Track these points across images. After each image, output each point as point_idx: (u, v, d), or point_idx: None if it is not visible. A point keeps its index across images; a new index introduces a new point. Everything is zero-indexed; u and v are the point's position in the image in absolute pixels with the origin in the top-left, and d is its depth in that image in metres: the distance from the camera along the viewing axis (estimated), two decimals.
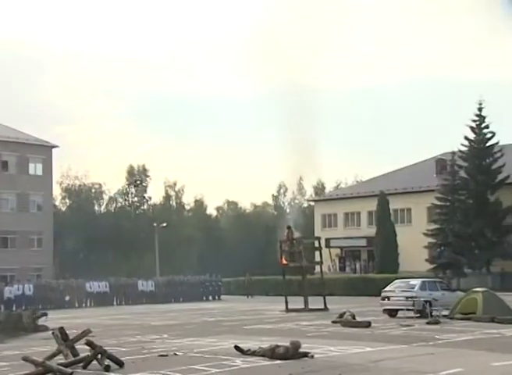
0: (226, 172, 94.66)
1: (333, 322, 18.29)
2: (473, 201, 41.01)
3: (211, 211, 72.67)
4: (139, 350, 12.58)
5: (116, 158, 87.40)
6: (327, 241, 46.61)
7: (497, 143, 41.70)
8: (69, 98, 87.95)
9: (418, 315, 19.09)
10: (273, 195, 72.09)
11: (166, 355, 11.96)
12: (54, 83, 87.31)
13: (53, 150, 50.24)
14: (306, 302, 25.17)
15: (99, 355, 10.56)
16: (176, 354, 12.18)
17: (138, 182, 62.97)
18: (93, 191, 62.14)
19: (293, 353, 11.12)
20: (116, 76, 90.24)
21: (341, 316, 18.60)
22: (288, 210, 72.64)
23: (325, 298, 25.62)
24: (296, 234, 27.71)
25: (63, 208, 61.64)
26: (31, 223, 46.88)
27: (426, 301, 19.83)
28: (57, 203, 60.10)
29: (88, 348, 10.80)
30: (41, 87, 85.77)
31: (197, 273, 43.99)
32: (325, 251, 35.78)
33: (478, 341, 13.80)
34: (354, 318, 18.18)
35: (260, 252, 60.88)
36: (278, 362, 10.85)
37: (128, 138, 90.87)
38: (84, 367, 10.45)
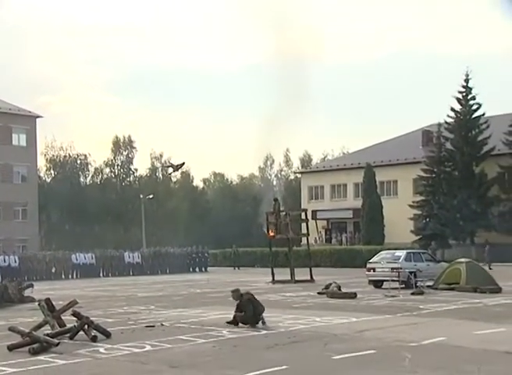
0: (213, 144, 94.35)
1: (319, 293, 18.50)
2: (458, 173, 41.31)
3: (198, 183, 72.62)
4: (125, 321, 12.65)
5: (101, 129, 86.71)
6: (313, 213, 46.81)
7: (483, 114, 41.83)
8: (52, 68, 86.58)
9: (403, 286, 19.33)
10: (260, 167, 72.11)
11: (153, 326, 12.04)
12: (37, 53, 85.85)
13: (37, 120, 49.59)
14: (292, 274, 25.36)
15: (86, 326, 10.61)
16: (162, 325, 12.27)
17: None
18: (78, 162, 61.61)
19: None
20: (100, 47, 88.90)
21: (327, 287, 18.80)
22: (275, 182, 72.77)
23: (311, 270, 25.84)
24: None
25: (48, 180, 61.16)
26: (15, 195, 46.53)
27: (411, 272, 20.07)
28: (41, 174, 59.61)
29: (75, 319, 10.83)
30: (24, 57, 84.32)
31: (184, 245, 44.07)
32: (311, 223, 35.93)
33: (461, 310, 14.04)
34: (340, 289, 18.39)
35: (247, 224, 61.09)
36: (264, 332, 10.98)
37: (113, 109, 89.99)
38: (71, 338, 10.50)
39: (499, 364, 7.87)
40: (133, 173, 63.83)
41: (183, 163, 31.41)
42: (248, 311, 11.66)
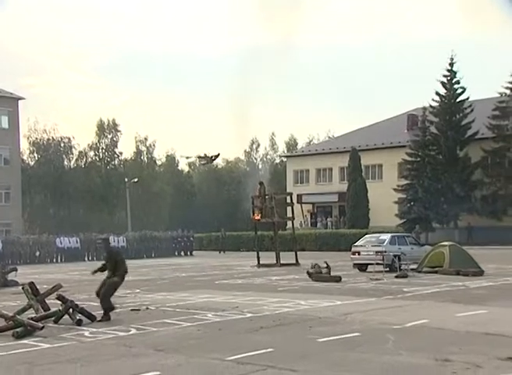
0: (198, 127, 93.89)
1: (308, 273, 18.32)
2: (442, 157, 41.62)
3: (183, 166, 72.42)
4: None
5: (85, 112, 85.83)
6: (299, 196, 46.98)
7: (467, 99, 42.07)
8: (35, 50, 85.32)
9: (387, 269, 19.50)
10: (245, 151, 71.97)
11: (138, 310, 12.05)
12: (18, 34, 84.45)
13: (19, 102, 48.95)
14: (278, 257, 25.46)
15: (71, 310, 10.58)
16: (148, 308, 12.28)
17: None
18: (62, 145, 61.03)
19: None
20: (85, 29, 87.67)
21: (313, 266, 18.65)
22: (260, 166, 72.68)
23: (296, 254, 25.94)
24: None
25: (31, 163, 60.57)
26: None
27: (395, 256, 20.24)
28: (24, 157, 58.99)
29: (59, 302, 10.79)
30: (5, 38, 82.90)
31: (169, 229, 44.03)
32: (296, 206, 36.12)
33: (444, 293, 14.21)
34: (329, 268, 18.12)
35: (232, 208, 61.11)
36: (249, 315, 11.03)
37: (96, 92, 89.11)
38: (56, 322, 10.47)
39: (480, 345, 8.00)
40: (118, 156, 63.48)
41: (218, 154, 30.40)
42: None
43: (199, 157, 30.44)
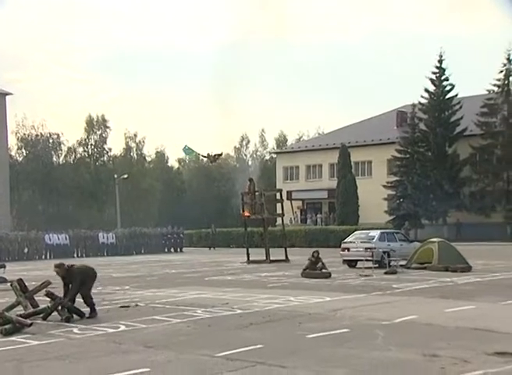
0: (188, 123, 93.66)
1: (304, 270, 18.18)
2: (431, 154, 41.82)
3: (173, 163, 72.23)
4: (100, 301, 12.58)
5: (74, 108, 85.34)
6: (288, 193, 47.04)
7: (456, 95, 42.26)
8: (21, 44, 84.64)
9: (377, 265, 19.57)
10: (235, 147, 71.91)
11: (128, 307, 12.02)
12: (4, 28, 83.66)
13: (6, 97, 48.54)
14: (267, 254, 25.48)
15: (59, 307, 10.54)
16: (137, 305, 12.25)
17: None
18: (50, 141, 60.65)
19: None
20: (72, 25, 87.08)
21: (313, 255, 18.56)
22: (250, 162, 72.66)
23: (286, 250, 25.97)
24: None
25: (19, 159, 60.15)
26: None
27: (384, 252, 20.31)
28: (13, 153, 58.56)
29: (48, 299, 10.75)
30: None
31: (159, 225, 43.92)
32: (286, 203, 36.11)
33: (433, 289, 14.29)
34: (322, 264, 18.10)
35: (222, 205, 61.07)
36: (239, 312, 11.04)
37: (85, 88, 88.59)
38: (44, 318, 10.42)
39: (468, 340, 8.06)
40: (107, 152, 63.22)
41: (221, 154, 30.39)
42: (75, 282, 10.67)
43: (202, 156, 30.51)
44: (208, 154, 28.88)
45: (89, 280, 11.11)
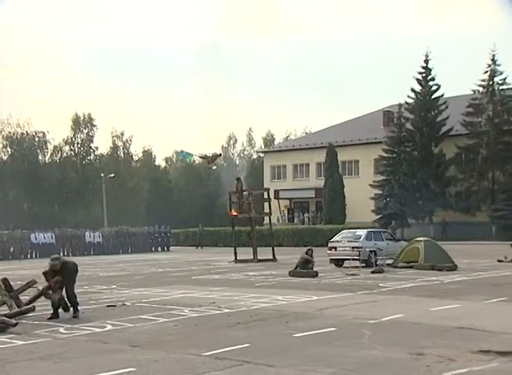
0: (175, 122, 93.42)
1: (292, 271, 18.19)
2: (418, 153, 42.05)
3: (160, 162, 71.99)
4: (86, 301, 12.52)
5: (60, 106, 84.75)
6: (276, 192, 47.07)
7: (442, 95, 42.53)
8: (5, 41, 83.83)
9: (364, 264, 19.65)
10: (222, 146, 71.79)
11: (114, 306, 11.97)
12: None
13: None
14: (255, 253, 25.50)
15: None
16: (124, 304, 12.20)
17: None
18: (36, 139, 60.18)
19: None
20: (57, 23, 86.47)
21: (307, 252, 18.61)
22: (237, 162, 72.60)
23: (273, 249, 25.99)
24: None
25: (5, 158, 59.63)
26: None
27: (371, 251, 20.40)
28: None
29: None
30: None
31: (146, 225, 43.77)
32: (274, 202, 36.16)
33: (419, 288, 14.37)
34: (312, 265, 18.14)
35: (209, 204, 60.99)
36: (226, 311, 11.02)
37: (72, 86, 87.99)
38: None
39: (453, 339, 8.11)
40: (94, 151, 62.87)
41: (220, 154, 29.98)
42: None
43: (200, 157, 30.23)
44: (206, 155, 28.74)
45: (75, 276, 11.07)
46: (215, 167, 26.73)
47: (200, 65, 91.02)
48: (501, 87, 40.89)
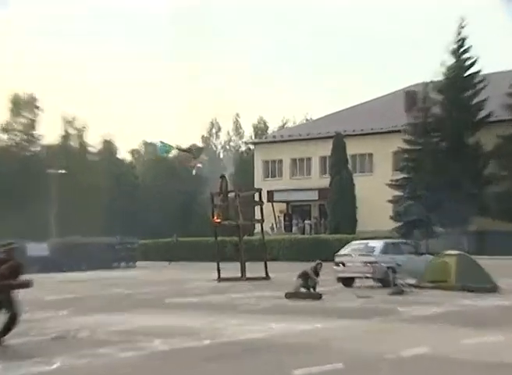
0: (143, 107, 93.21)
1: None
2: (448, 145, 42.14)
3: (124, 155, 71.96)
4: (27, 331, 12.44)
5: None
6: (269, 193, 47.17)
7: (479, 72, 42.54)
8: None
9: (379, 284, 19.71)
10: (203, 136, 71.96)
11: (64, 338, 11.93)
12: None
13: None
14: (243, 270, 25.56)
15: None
16: (76, 335, 12.18)
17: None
18: None
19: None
20: None
21: (317, 267, 18.69)
22: (222, 155, 72.76)
23: (266, 265, 26.07)
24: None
25: None
26: None
27: (388, 267, 20.48)
28: None
29: None
30: None
31: (106, 234, 43.69)
32: (267, 206, 36.25)
33: (448, 314, 14.43)
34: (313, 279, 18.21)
35: (186, 207, 61.00)
36: (206, 342, 11.02)
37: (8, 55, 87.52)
38: None
39: None
40: (39, 140, 62.71)
41: (202, 148, 29.76)
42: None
43: (182, 150, 29.98)
44: (189, 148, 28.63)
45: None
46: (200, 165, 26.46)
47: (177, 27, 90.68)
48: None
